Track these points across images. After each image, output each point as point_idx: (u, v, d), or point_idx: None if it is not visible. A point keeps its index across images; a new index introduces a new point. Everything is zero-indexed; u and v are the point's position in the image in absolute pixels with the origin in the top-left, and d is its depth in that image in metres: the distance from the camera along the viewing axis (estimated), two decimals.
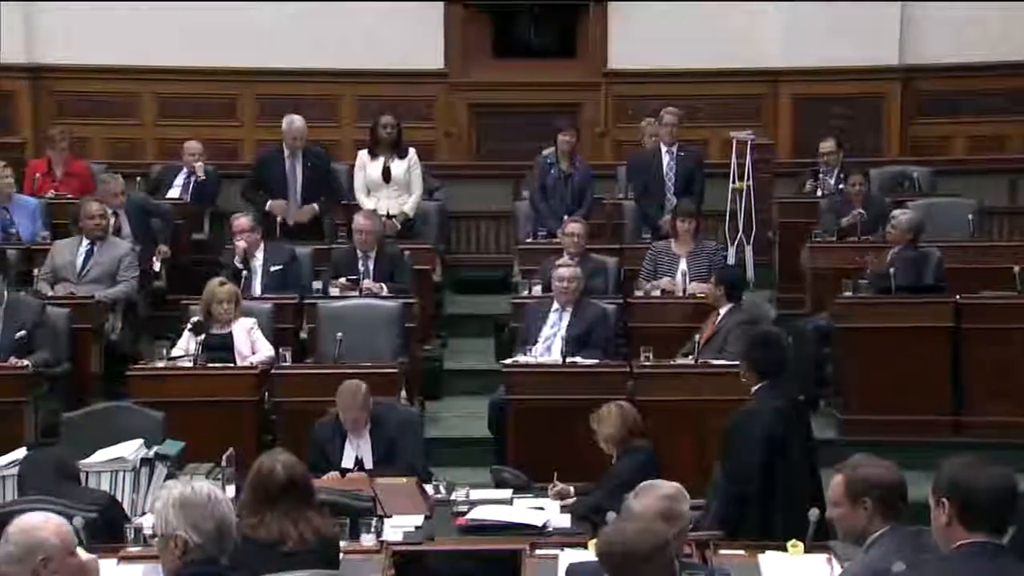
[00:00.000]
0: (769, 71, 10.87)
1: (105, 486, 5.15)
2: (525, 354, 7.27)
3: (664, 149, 9.21)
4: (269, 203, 8.84)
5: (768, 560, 4.62)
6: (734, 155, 9.50)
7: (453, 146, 11.09)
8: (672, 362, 7.14)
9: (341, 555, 4.39)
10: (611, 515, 4.68)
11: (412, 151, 9.11)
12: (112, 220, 8.41)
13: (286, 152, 8.99)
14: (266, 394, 7.04)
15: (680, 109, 9.39)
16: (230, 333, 7.26)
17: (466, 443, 7.47)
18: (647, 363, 6.99)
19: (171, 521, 3.32)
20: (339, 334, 7.14)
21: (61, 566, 3.37)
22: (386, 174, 8.99)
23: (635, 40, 10.82)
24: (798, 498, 5.23)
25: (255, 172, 9.17)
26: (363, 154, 9.09)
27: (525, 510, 5.41)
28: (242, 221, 8.22)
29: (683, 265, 8.17)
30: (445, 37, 10.94)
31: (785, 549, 4.67)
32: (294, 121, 9.00)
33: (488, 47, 11.19)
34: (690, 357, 7.09)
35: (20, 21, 10.51)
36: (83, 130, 10.39)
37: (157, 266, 8.84)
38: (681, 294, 7.99)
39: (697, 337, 7.17)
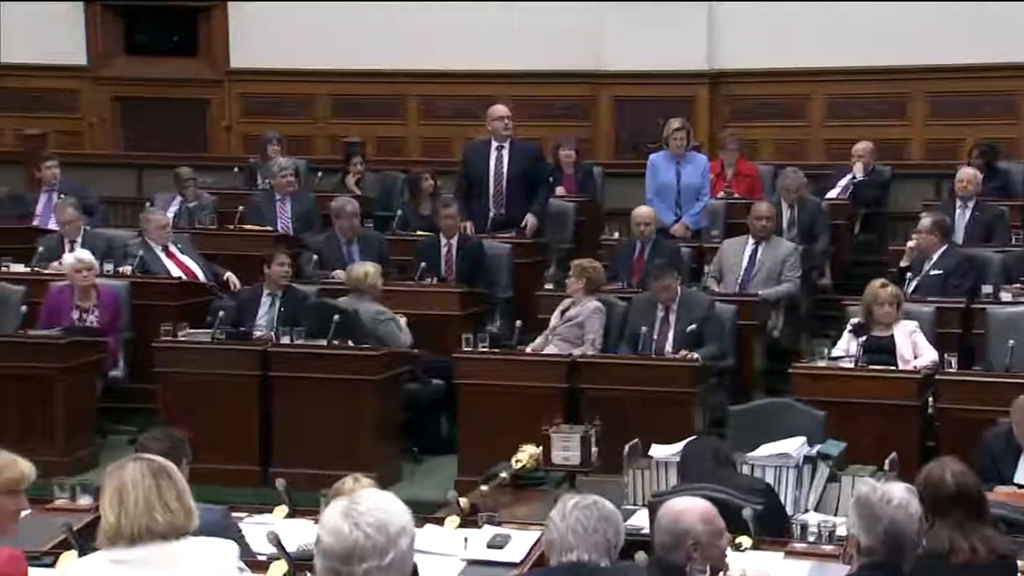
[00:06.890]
0: None
1: (769, 480, 5.25)
2: None
3: None
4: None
5: None
6: None
7: None
8: None
9: (1018, 575, 4.14)
10: None
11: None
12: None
13: None
14: (929, 400, 6.85)
15: None
16: (891, 336, 7.13)
17: None
18: None
19: (850, 519, 3.35)
20: (1010, 341, 6.80)
21: (709, 550, 3.53)
22: None
23: None
24: None
25: None
26: None
27: None
28: (926, 222, 8.08)
29: None
30: None
31: None
32: None
33: None
34: None
35: (704, 30, 11.00)
36: (754, 132, 10.72)
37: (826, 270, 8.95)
38: None
39: None
